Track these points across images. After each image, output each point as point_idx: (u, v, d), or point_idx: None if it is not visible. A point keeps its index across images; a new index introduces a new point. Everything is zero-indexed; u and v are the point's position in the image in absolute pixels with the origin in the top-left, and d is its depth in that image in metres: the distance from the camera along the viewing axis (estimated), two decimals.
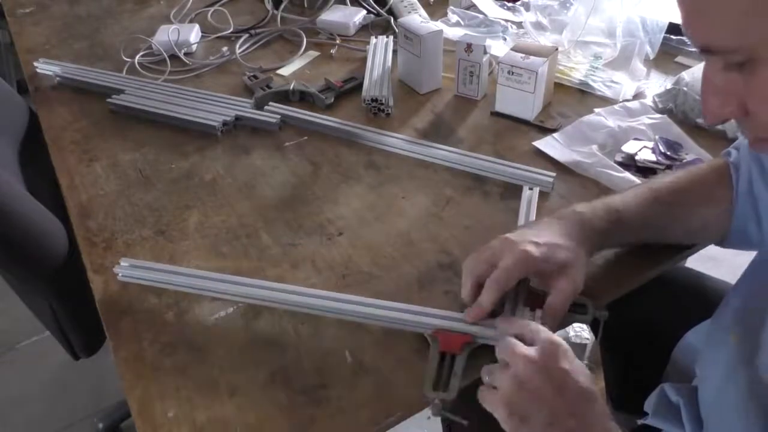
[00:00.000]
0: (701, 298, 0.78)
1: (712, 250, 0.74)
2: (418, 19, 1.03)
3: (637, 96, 0.98)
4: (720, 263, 0.99)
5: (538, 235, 0.62)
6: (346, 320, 0.65)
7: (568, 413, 0.50)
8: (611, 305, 0.66)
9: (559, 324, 0.61)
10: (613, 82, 1.00)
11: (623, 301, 0.69)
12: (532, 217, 0.77)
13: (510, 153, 0.88)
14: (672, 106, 0.91)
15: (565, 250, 0.61)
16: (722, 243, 0.70)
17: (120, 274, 0.71)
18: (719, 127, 0.86)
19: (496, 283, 0.59)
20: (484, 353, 0.60)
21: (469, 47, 0.97)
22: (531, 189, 0.80)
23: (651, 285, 0.71)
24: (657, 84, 1.00)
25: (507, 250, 0.60)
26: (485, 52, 0.97)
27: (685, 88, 0.89)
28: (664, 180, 0.69)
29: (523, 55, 0.92)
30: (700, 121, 0.89)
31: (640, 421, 0.66)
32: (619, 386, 0.92)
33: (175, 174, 0.88)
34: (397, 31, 1.06)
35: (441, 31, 1.00)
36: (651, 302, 0.82)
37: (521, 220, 0.77)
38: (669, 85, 0.92)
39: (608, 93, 0.99)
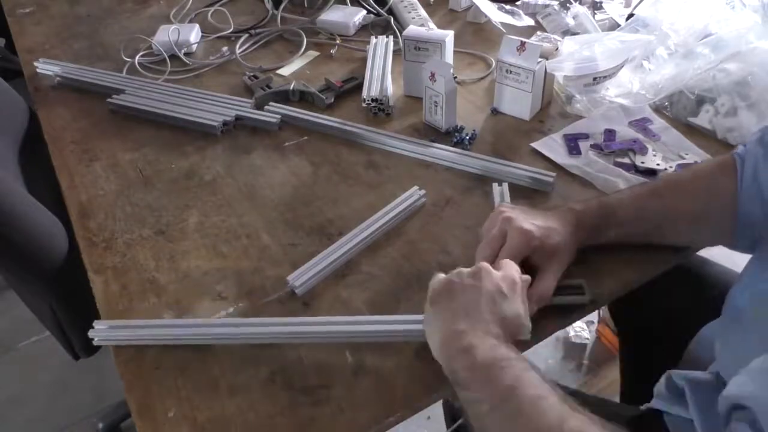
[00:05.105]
0: (718, 290, 0.78)
1: (713, 249, 0.74)
2: (422, 29, 1.01)
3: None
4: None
5: (534, 218, 0.64)
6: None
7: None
8: (630, 296, 0.66)
9: (553, 303, 0.63)
10: None
11: (641, 292, 0.69)
12: None
13: (510, 153, 0.89)
14: (667, 104, 0.92)
15: (559, 235, 0.64)
16: (730, 240, 0.67)
17: (96, 339, 0.65)
18: (709, 127, 0.87)
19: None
20: None
21: (432, 76, 0.89)
22: (500, 185, 0.81)
23: (668, 275, 0.71)
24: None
25: (511, 230, 0.63)
26: (454, 79, 0.90)
27: (682, 88, 0.90)
28: (664, 176, 0.69)
29: (520, 53, 0.91)
30: (691, 120, 0.89)
31: (646, 406, 0.66)
32: (634, 377, 0.92)
33: (175, 174, 0.88)
34: (402, 45, 0.98)
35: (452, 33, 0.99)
36: (668, 293, 0.82)
37: None
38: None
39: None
